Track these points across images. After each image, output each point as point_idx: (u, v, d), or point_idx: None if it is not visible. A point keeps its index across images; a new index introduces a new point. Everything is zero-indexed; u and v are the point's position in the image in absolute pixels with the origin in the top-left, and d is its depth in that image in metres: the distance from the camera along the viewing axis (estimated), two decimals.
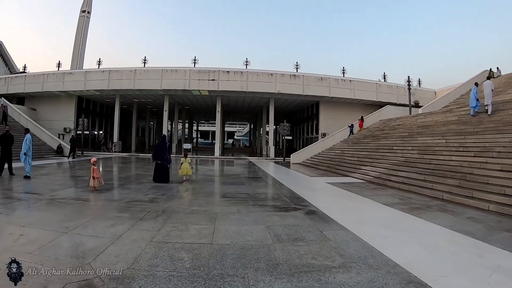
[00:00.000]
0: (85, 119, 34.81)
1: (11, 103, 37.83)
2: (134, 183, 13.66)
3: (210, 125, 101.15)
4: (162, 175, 13.98)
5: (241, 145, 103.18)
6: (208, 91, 38.15)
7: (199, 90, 38.09)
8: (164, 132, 41.14)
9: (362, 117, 33.75)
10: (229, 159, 36.48)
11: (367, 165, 18.93)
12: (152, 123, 65.35)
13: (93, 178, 10.96)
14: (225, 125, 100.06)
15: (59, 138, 35.60)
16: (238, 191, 12.01)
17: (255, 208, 9.01)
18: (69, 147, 30.81)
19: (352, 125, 33.06)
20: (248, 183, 15.13)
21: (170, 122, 55.05)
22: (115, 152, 40.24)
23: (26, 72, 48.20)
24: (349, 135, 32.19)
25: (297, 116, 53.32)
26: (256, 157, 38.95)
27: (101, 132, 51.33)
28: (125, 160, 29.71)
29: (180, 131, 61.17)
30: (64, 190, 11.14)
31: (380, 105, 39.92)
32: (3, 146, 14.94)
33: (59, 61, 42.06)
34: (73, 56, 64.02)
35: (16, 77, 44.24)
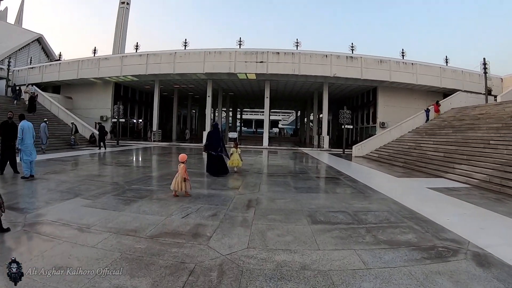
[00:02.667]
0: (121, 106, 32.27)
1: (46, 91, 36.99)
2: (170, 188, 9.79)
3: (253, 113, 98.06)
4: (217, 167, 12.69)
5: (285, 134, 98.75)
6: (256, 74, 34.25)
7: (245, 74, 34.24)
8: (208, 120, 38.46)
9: (437, 102, 28.66)
10: (280, 150, 32.32)
11: (462, 164, 14.63)
12: (194, 111, 62.19)
13: (184, 180, 8.54)
14: (261, 114, 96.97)
15: (95, 127, 33.61)
16: (327, 207, 7.91)
17: (386, 252, 4.94)
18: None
19: (428, 109, 28.02)
20: (329, 189, 11.03)
21: (212, 110, 51.81)
22: (154, 141, 37.63)
23: (60, 60, 46.66)
24: (426, 121, 27.38)
25: (350, 104, 47.79)
26: (309, 148, 34.84)
27: (140, 120, 49.50)
28: (164, 151, 26.34)
29: (223, 119, 57.70)
30: (62, 203, 7.43)
31: (443, 92, 35.31)
32: (4, 137, 11.57)
33: (95, 47, 39.65)
34: (114, 47, 61.96)
35: (50, 65, 43.30)
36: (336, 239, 5.53)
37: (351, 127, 36.88)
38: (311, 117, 55.31)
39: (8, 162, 11.48)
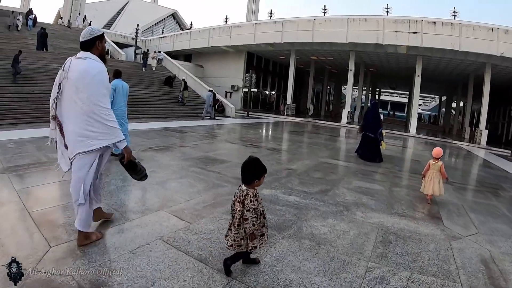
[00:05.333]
0: (253, 75, 31.04)
1: (177, 60, 37.43)
2: (324, 196, 6.24)
3: (388, 94, 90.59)
4: (373, 152, 11.37)
5: (422, 121, 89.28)
6: (407, 47, 28.62)
7: (395, 46, 28.87)
8: (348, 97, 34.38)
9: None
10: (433, 142, 25.74)
11: None
12: (329, 87, 57.64)
13: (446, 179, 6.91)
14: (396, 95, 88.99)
15: (226, 96, 34.11)
16: None
17: None
18: (232, 106, 28.54)
19: None
20: None
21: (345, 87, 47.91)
22: (287, 115, 34.88)
23: (191, 29, 48.25)
24: None
25: (504, 94, 39.29)
26: (461, 142, 27.77)
27: (273, 92, 47.53)
28: (299, 128, 23.24)
29: (361, 97, 52.75)
30: (126, 225, 4.21)
31: None
32: None
33: (226, 16, 38.90)
34: (247, 15, 60.34)
35: (181, 34, 44.70)
36: None
37: None
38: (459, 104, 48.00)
39: None
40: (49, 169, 6.69)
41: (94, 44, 3.61)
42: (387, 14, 31.26)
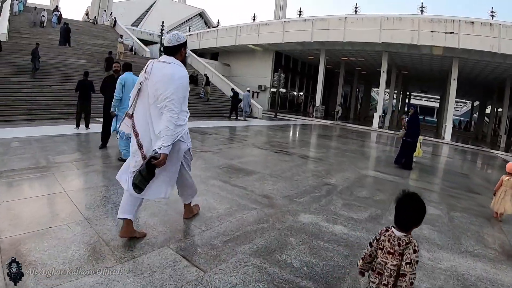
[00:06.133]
0: (282, 74, 29.94)
1: (203, 58, 37.29)
2: (376, 225, 4.93)
3: (417, 98, 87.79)
4: (405, 157, 11.02)
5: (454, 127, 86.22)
6: (443, 48, 26.96)
7: (431, 47, 27.30)
8: (380, 100, 32.93)
9: None
10: (469, 151, 24.08)
11: None
12: (358, 90, 56.10)
13: None
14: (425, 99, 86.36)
15: (252, 96, 32.49)
16: None
17: None
18: (259, 106, 27.78)
19: None
20: None
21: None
22: (315, 118, 33.68)
23: (218, 27, 48.07)
24: None
25: None
26: (499, 151, 25.34)
27: (301, 93, 46.42)
28: (329, 132, 22.12)
29: (389, 101, 50.94)
30: None
31: None
32: (107, 97, 8.30)
33: (254, 14, 38.25)
34: (275, 13, 59.75)
35: (207, 31, 44.27)
36: None
37: None
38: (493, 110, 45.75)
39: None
40: (45, 176, 5.83)
41: (179, 51, 3.71)
42: (421, 13, 29.88)
